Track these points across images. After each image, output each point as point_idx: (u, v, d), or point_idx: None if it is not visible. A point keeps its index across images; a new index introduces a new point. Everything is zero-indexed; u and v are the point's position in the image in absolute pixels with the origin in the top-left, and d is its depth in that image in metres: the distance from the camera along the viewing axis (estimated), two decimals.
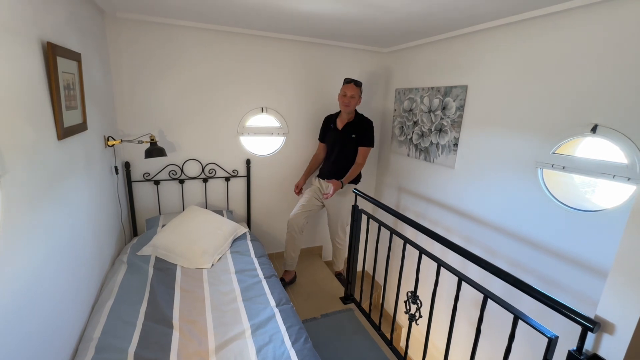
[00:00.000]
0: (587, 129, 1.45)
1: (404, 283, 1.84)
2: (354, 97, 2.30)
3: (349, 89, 2.29)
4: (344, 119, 2.42)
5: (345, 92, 2.30)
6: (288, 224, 2.46)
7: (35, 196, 1.07)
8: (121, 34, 2.12)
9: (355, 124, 2.39)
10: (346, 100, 2.29)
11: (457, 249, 1.34)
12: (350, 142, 2.39)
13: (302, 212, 2.44)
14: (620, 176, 1.34)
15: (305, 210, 2.46)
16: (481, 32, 1.97)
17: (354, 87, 2.29)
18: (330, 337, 1.94)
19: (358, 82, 2.31)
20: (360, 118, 2.42)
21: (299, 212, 2.44)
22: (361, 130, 2.38)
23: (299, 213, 2.44)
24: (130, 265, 1.83)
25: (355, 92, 2.29)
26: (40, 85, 1.13)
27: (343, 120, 2.42)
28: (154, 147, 2.13)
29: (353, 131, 2.38)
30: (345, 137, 2.40)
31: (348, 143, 2.40)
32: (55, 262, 1.19)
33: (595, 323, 0.88)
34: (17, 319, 0.93)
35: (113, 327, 1.35)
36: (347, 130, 2.39)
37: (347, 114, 2.39)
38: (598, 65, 1.43)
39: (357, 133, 2.38)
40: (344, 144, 2.41)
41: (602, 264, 1.45)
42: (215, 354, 1.29)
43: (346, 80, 2.33)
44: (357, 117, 2.42)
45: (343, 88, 2.32)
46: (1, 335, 0.85)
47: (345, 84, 2.32)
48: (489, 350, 1.94)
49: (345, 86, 2.31)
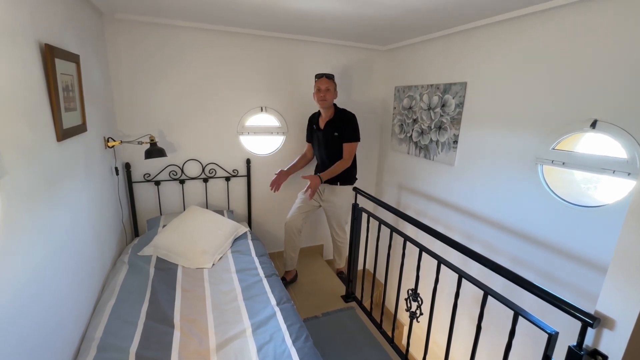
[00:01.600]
0: (587, 124, 1.45)
1: (405, 281, 1.84)
2: (329, 90, 2.22)
3: (322, 82, 2.21)
4: (324, 118, 2.34)
5: (319, 87, 2.22)
6: (285, 226, 2.45)
7: (35, 197, 1.07)
8: (120, 35, 2.12)
9: (336, 121, 2.30)
10: (321, 95, 2.22)
11: (458, 246, 1.34)
12: (334, 141, 2.30)
13: (299, 214, 2.44)
14: (621, 171, 1.34)
15: (302, 211, 2.45)
16: (480, 29, 1.96)
17: (326, 80, 2.21)
18: (331, 335, 1.95)
19: (329, 74, 2.24)
20: (341, 113, 2.32)
21: (295, 214, 2.44)
22: (343, 127, 2.28)
23: (295, 215, 2.43)
24: (131, 266, 1.83)
25: (329, 85, 2.21)
26: (38, 87, 1.14)
27: (324, 119, 2.34)
28: (154, 147, 2.13)
29: (335, 129, 2.29)
30: (327, 137, 2.32)
31: (332, 142, 2.31)
32: (56, 262, 1.20)
33: (595, 318, 0.88)
34: (18, 319, 0.93)
35: (114, 327, 1.36)
36: (329, 129, 2.31)
37: (326, 110, 2.30)
38: (597, 61, 1.42)
39: (340, 130, 2.28)
40: (328, 143, 2.33)
41: (603, 260, 1.45)
42: (216, 352, 1.30)
43: (317, 75, 2.26)
44: (337, 113, 2.32)
45: (316, 84, 2.25)
46: (2, 335, 0.85)
47: (317, 79, 2.24)
48: (490, 347, 1.94)
49: (318, 81, 2.23)
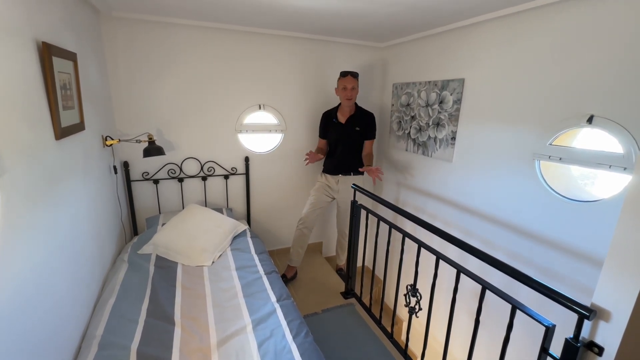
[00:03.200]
0: (583, 119, 1.46)
1: (404, 277, 1.85)
2: (355, 89, 2.32)
3: (349, 81, 2.29)
4: (345, 113, 2.43)
5: (346, 85, 2.30)
6: (300, 221, 2.48)
7: (34, 196, 1.07)
8: (117, 33, 2.11)
9: (358, 117, 2.42)
10: (348, 93, 2.31)
11: (456, 242, 1.35)
12: (355, 135, 2.42)
13: (314, 210, 2.48)
14: (617, 166, 1.35)
15: (317, 207, 2.49)
16: (478, 25, 1.97)
17: (351, 79, 2.30)
18: (331, 331, 1.96)
19: (355, 72, 2.32)
20: (361, 111, 2.45)
21: (310, 210, 2.47)
22: (365, 124, 2.42)
23: (310, 211, 2.47)
24: (131, 264, 1.84)
25: (355, 84, 2.31)
26: (36, 85, 1.14)
27: (345, 114, 2.44)
28: (152, 146, 2.13)
29: (357, 124, 2.41)
30: (349, 130, 2.42)
31: (353, 136, 2.42)
32: (56, 261, 1.20)
33: (591, 311, 0.89)
34: (19, 318, 0.93)
35: (115, 325, 1.37)
36: (351, 123, 2.42)
37: (349, 107, 2.40)
38: (594, 56, 1.43)
39: (361, 126, 2.41)
40: (350, 137, 2.43)
41: (599, 254, 1.46)
42: (217, 349, 1.31)
43: (343, 73, 2.33)
44: (357, 109, 2.44)
45: (341, 81, 2.32)
46: (3, 334, 0.86)
47: (343, 77, 2.32)
48: (488, 341, 1.96)
49: (344, 79, 2.31)
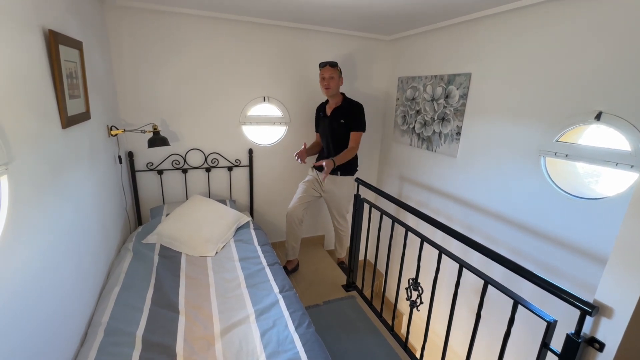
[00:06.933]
0: (591, 116, 1.44)
1: (406, 270, 1.86)
2: (333, 78, 2.25)
3: (326, 71, 2.24)
4: (331, 105, 2.38)
5: (324, 75, 2.25)
6: (287, 216, 2.46)
7: (41, 184, 1.08)
8: (121, 23, 2.10)
9: (344, 109, 2.33)
10: (325, 83, 2.25)
11: (459, 236, 1.35)
12: (340, 127, 2.32)
13: (300, 204, 2.45)
14: (624, 163, 1.34)
15: (303, 201, 2.46)
16: (485, 19, 1.94)
17: (329, 68, 2.24)
18: (332, 323, 1.98)
19: (333, 62, 2.26)
20: (349, 102, 2.35)
21: (296, 204, 2.45)
22: (350, 115, 2.31)
23: (296, 205, 2.44)
24: (135, 253, 1.86)
25: (332, 73, 2.23)
26: (43, 73, 1.14)
27: (331, 107, 2.38)
28: (157, 136, 2.14)
29: (341, 116, 2.32)
30: (334, 123, 2.35)
31: (338, 128, 2.33)
32: (62, 249, 1.21)
33: (594, 307, 0.89)
34: (25, 306, 0.95)
35: (121, 312, 1.39)
36: (336, 115, 2.34)
37: (333, 98, 2.34)
38: (603, 52, 1.41)
39: (346, 118, 2.31)
40: (334, 130, 2.36)
41: (603, 252, 1.46)
42: (221, 337, 1.33)
43: (321, 64, 2.28)
44: (345, 101, 2.36)
45: (320, 72, 2.28)
46: (12, 322, 0.88)
47: (321, 67, 2.28)
48: (489, 336, 1.97)
49: (322, 70, 2.27)
